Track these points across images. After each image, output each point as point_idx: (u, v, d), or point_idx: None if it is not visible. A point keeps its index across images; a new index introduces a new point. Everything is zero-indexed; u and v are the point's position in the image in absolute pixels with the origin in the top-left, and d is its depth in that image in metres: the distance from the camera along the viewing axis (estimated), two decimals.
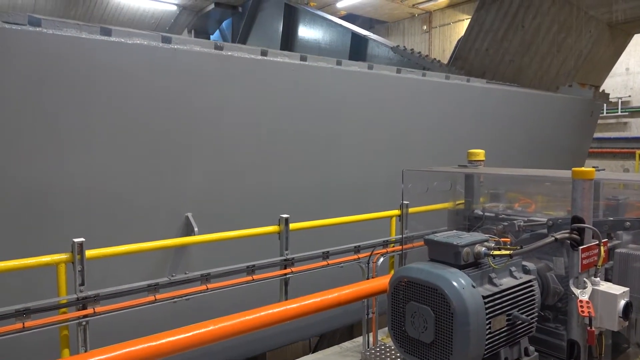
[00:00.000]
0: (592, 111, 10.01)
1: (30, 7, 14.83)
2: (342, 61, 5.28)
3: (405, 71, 5.92)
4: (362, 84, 5.19)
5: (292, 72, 4.44)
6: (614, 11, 9.15)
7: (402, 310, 2.37)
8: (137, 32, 3.91)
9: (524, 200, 3.80)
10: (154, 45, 3.83)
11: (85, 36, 3.56)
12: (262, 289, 3.64)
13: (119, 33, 3.76)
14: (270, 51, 4.65)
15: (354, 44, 11.71)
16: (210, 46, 4.27)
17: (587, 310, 2.19)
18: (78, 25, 3.60)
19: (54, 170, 3.43)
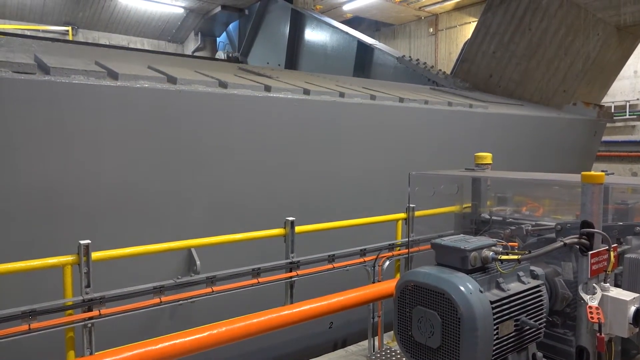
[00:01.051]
0: (595, 131, 9.93)
1: (39, 9, 14.96)
2: (345, 93, 5.32)
3: (407, 100, 5.95)
4: (365, 114, 5.24)
5: (296, 106, 4.51)
6: (622, 14, 9.08)
7: (409, 314, 2.35)
8: (144, 74, 3.99)
9: (532, 204, 3.76)
10: (158, 88, 3.91)
11: (92, 82, 3.64)
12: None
13: (126, 77, 3.83)
14: (274, 87, 4.69)
15: (359, 51, 11.73)
16: (215, 85, 4.34)
17: (596, 316, 2.16)
18: (86, 71, 3.67)
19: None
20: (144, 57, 6.31)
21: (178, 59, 6.94)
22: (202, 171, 4.18)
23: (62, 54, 4.76)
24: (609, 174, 2.91)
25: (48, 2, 14.73)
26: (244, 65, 7.09)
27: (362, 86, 6.80)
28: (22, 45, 5.10)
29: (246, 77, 5.25)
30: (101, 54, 5.49)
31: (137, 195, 3.74)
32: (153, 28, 17.27)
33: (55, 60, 3.92)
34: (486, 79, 11.11)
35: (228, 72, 5.96)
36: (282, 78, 5.97)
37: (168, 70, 4.60)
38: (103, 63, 4.28)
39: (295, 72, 8.31)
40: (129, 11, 15.96)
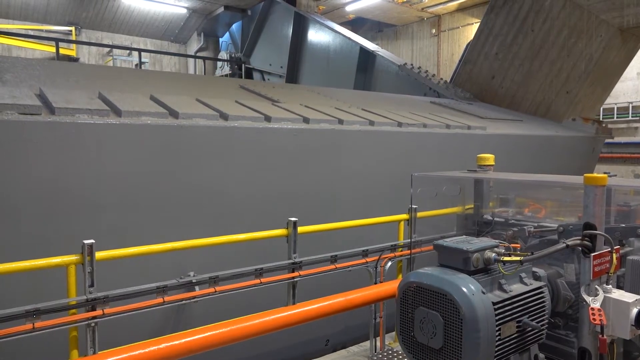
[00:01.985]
0: (593, 147, 9.93)
1: (42, 9, 15.01)
2: (344, 120, 5.36)
3: (406, 125, 6.00)
4: (364, 140, 5.28)
5: (295, 136, 4.57)
6: (625, 15, 9.07)
7: (411, 315, 2.36)
8: (146, 109, 4.06)
9: (534, 205, 3.77)
10: (160, 124, 3.98)
11: (96, 122, 3.70)
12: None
13: (129, 113, 3.91)
14: (273, 117, 4.73)
15: (362, 57, 11.75)
16: (215, 117, 4.40)
17: (598, 318, 2.16)
18: (90, 110, 3.74)
19: None
20: (146, 78, 6.12)
21: (180, 78, 6.84)
22: (204, 203, 4.23)
23: (67, 85, 4.73)
24: (612, 176, 2.91)
25: (52, 2, 14.78)
26: (245, 83, 7.02)
27: (362, 107, 6.72)
28: (26, 69, 5.06)
29: (246, 104, 5.22)
30: (105, 76, 5.43)
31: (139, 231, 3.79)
32: (156, 28, 17.32)
33: (60, 96, 3.95)
34: (489, 80, 11.11)
35: (229, 94, 5.91)
36: (282, 100, 5.95)
37: (170, 100, 4.60)
38: (106, 95, 4.31)
39: (295, 87, 8.20)
40: (132, 11, 16.01)
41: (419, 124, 6.16)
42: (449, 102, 9.63)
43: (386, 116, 6.19)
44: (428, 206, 4.37)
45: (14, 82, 4.41)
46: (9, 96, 3.62)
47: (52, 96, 3.90)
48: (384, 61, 11.40)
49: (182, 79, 6.77)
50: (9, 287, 3.20)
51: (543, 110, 10.45)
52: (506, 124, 8.37)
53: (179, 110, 4.24)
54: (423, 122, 6.32)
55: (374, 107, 7.05)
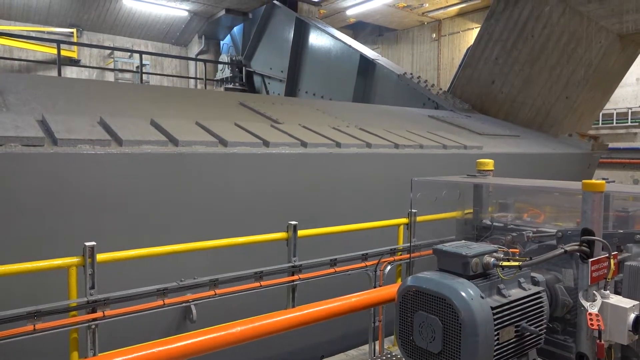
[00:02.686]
0: (589, 164, 9.97)
1: (44, 11, 15.06)
2: (342, 144, 5.40)
3: (402, 147, 6.04)
4: (361, 162, 5.31)
5: (293, 160, 4.61)
6: (625, 22, 9.12)
7: (410, 319, 2.38)
8: (147, 138, 4.11)
9: (533, 210, 3.78)
10: (161, 152, 4.03)
11: (97, 152, 3.77)
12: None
13: (130, 142, 3.96)
14: (272, 142, 4.77)
15: (362, 64, 11.79)
16: (215, 144, 4.45)
17: (596, 323, 2.18)
18: (91, 140, 3.79)
19: None
20: (147, 97, 6.03)
21: (180, 94, 6.69)
22: (204, 230, 4.24)
23: (69, 108, 4.74)
24: (610, 182, 2.93)
25: (53, 4, 14.83)
26: (245, 99, 6.97)
27: (361, 125, 6.70)
28: (29, 88, 5.07)
29: (246, 126, 5.23)
30: (106, 97, 5.40)
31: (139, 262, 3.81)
32: (157, 31, 17.36)
33: (62, 124, 3.99)
34: (489, 85, 11.16)
35: (229, 114, 5.89)
36: (281, 119, 5.95)
37: (170, 125, 4.62)
38: (107, 122, 4.34)
39: (295, 102, 8.09)
40: (134, 14, 16.06)
41: (416, 145, 6.16)
42: (447, 115, 9.60)
43: (383, 137, 6.19)
44: (427, 211, 4.39)
45: (18, 106, 4.43)
46: (13, 126, 3.68)
47: (55, 124, 3.95)
48: (384, 70, 11.44)
49: (182, 96, 6.69)
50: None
51: (543, 115, 10.49)
52: (503, 141, 8.37)
53: (179, 137, 4.28)
54: (420, 143, 6.31)
55: (373, 124, 7.04)
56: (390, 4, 17.03)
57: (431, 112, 9.68)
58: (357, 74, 11.81)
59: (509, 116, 10.90)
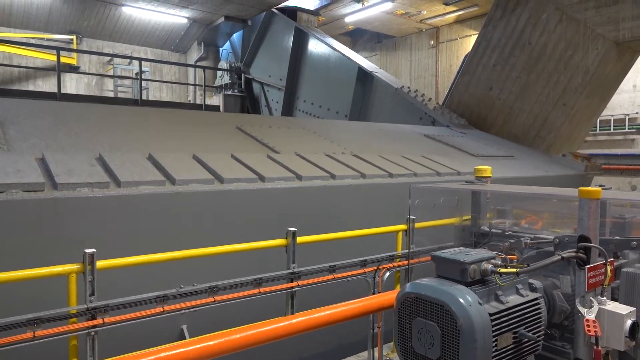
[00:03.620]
0: (582, 184, 10.02)
1: (44, 18, 15.12)
2: (336, 175, 5.44)
3: (397, 176, 6.09)
4: (355, 193, 5.34)
5: (288, 194, 4.65)
6: (621, 29, 9.21)
7: (409, 326, 2.39)
8: (145, 179, 4.17)
9: (531, 217, 3.81)
10: (158, 192, 4.11)
11: (96, 194, 3.84)
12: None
13: (128, 183, 4.04)
14: (267, 177, 4.81)
15: (360, 76, 11.86)
16: (211, 182, 4.51)
17: (593, 329, 2.19)
18: (90, 184, 3.86)
19: None
20: (145, 123, 6.01)
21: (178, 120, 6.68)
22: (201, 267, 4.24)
23: (69, 141, 4.77)
24: (606, 189, 2.96)
25: (53, 11, 14.90)
26: (242, 122, 6.89)
27: (356, 151, 6.69)
28: (29, 118, 5.09)
29: (242, 158, 5.25)
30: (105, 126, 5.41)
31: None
32: (157, 38, 17.44)
33: (62, 165, 4.06)
34: (487, 92, 11.22)
35: (226, 143, 5.91)
36: (278, 146, 5.97)
37: (167, 161, 4.66)
38: (106, 159, 4.40)
39: (291, 123, 7.94)
40: (133, 21, 16.14)
41: (410, 174, 6.18)
42: (442, 133, 9.55)
43: (378, 165, 6.20)
44: (425, 217, 4.41)
45: (18, 141, 4.46)
46: (14, 170, 3.75)
47: (55, 165, 4.02)
48: (382, 82, 11.50)
49: (179, 121, 6.62)
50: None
51: (540, 122, 10.55)
52: (497, 163, 8.35)
53: (176, 176, 4.34)
54: (414, 171, 6.32)
55: (368, 148, 6.99)
56: (388, 12, 17.15)
57: (427, 130, 9.64)
58: (355, 85, 11.88)
59: (507, 123, 10.95)
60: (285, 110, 14.21)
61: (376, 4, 16.20)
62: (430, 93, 19.75)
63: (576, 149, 12.09)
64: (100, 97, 15.29)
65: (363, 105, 12.01)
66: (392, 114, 11.40)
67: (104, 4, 14.75)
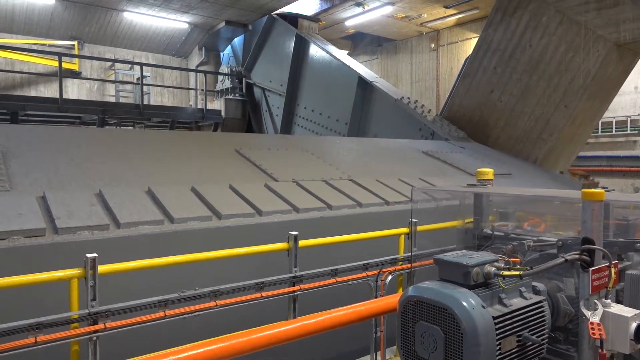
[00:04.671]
0: None
1: (46, 24, 15.19)
2: (333, 206, 5.43)
3: (393, 203, 6.07)
4: (352, 223, 5.33)
5: (285, 227, 4.66)
6: (622, 31, 9.21)
7: (412, 329, 2.37)
8: (144, 219, 4.20)
9: (533, 219, 3.79)
10: (157, 232, 4.15)
11: (96, 237, 3.89)
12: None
13: (127, 225, 4.08)
14: (265, 211, 4.82)
15: (360, 84, 11.88)
16: (209, 218, 4.54)
17: (598, 332, 2.18)
18: (89, 227, 3.90)
19: None
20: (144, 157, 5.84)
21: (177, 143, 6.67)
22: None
23: (70, 175, 4.77)
24: (609, 191, 2.95)
25: (55, 17, 14.97)
26: (241, 145, 6.79)
27: (354, 174, 6.63)
28: (32, 149, 5.09)
29: (240, 189, 5.23)
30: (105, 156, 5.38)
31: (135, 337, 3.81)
32: (158, 43, 17.50)
33: (62, 206, 4.08)
34: (488, 94, 11.22)
35: (225, 170, 5.89)
36: (276, 173, 5.94)
37: (166, 196, 4.65)
38: (106, 197, 4.41)
39: (290, 143, 7.83)
40: (135, 26, 16.20)
41: (406, 200, 6.13)
42: (441, 148, 9.47)
43: (374, 191, 6.14)
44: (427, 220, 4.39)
45: (20, 177, 4.47)
46: (15, 214, 3.78)
47: (56, 207, 4.04)
48: (382, 92, 11.51)
49: (179, 144, 6.57)
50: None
51: (542, 124, 10.54)
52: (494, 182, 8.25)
53: (175, 214, 4.37)
54: (408, 199, 6.24)
55: (366, 169, 6.93)
56: (388, 15, 17.19)
57: (425, 145, 9.53)
58: (356, 94, 11.89)
59: (508, 125, 10.94)
60: (286, 116, 14.24)
61: (376, 8, 16.23)
62: (431, 96, 19.76)
63: (578, 151, 12.07)
64: (102, 102, 15.31)
65: (363, 114, 12.01)
66: (391, 124, 11.42)
67: (105, 9, 14.81)
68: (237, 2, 13.58)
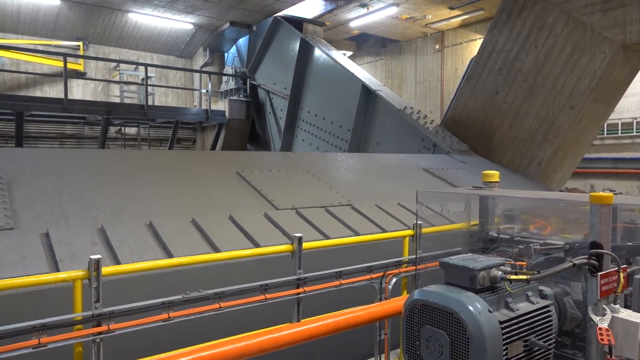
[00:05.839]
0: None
1: (51, 25, 15.25)
2: (331, 236, 5.35)
3: (391, 231, 5.89)
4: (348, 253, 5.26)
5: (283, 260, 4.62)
6: (628, 32, 9.14)
7: (417, 333, 2.35)
8: (144, 257, 4.17)
9: (540, 222, 3.76)
10: (157, 273, 4.04)
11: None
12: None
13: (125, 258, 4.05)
14: (262, 244, 4.77)
15: (364, 92, 11.86)
16: (208, 251, 4.48)
17: (606, 338, 2.15)
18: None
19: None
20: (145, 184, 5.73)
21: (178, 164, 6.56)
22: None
23: (73, 207, 4.72)
24: (618, 194, 2.91)
25: (60, 17, 15.02)
26: (242, 166, 6.81)
27: (353, 197, 6.56)
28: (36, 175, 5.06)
29: (239, 219, 5.19)
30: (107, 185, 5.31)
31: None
32: (162, 43, 17.53)
33: (65, 245, 4.06)
34: (492, 95, 11.17)
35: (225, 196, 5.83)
36: (276, 201, 5.88)
37: (166, 231, 4.63)
38: (108, 233, 4.39)
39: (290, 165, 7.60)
40: (139, 27, 16.23)
41: (405, 228, 6.01)
42: (442, 165, 9.33)
43: (374, 220, 6.06)
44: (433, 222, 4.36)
45: (23, 210, 4.44)
46: (19, 257, 3.74)
47: (58, 246, 4.02)
48: (385, 102, 11.48)
49: (180, 166, 6.45)
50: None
51: (547, 125, 10.47)
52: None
53: (175, 252, 4.34)
54: (408, 225, 6.11)
55: (366, 193, 6.85)
56: (393, 16, 17.15)
57: (426, 161, 9.40)
58: (359, 101, 11.85)
59: (513, 127, 10.89)
60: (289, 119, 14.24)
61: (381, 9, 16.20)
62: (435, 97, 19.69)
63: (584, 153, 12.00)
64: (107, 102, 15.35)
65: (366, 122, 11.97)
66: (394, 134, 11.40)
67: (110, 10, 14.85)
68: (242, 3, 13.59)
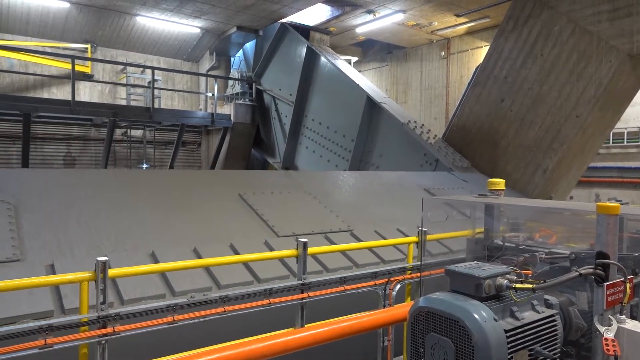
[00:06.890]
0: None
1: (60, 27, 15.38)
2: (330, 268, 5.23)
3: (389, 261, 5.75)
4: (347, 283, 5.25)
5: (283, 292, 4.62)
6: (635, 41, 9.13)
7: (422, 341, 2.35)
8: (146, 295, 4.09)
9: (545, 231, 3.76)
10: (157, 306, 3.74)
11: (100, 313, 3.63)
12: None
13: (130, 301, 3.98)
14: (263, 279, 4.73)
15: (368, 104, 11.89)
16: (209, 289, 4.42)
17: (612, 349, 2.14)
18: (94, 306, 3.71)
19: None
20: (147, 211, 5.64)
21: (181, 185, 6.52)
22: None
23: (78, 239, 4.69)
24: (624, 204, 2.91)
25: (69, 20, 15.14)
26: (244, 188, 6.77)
27: (352, 227, 6.40)
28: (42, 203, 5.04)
29: (240, 248, 5.14)
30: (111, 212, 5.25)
31: None
32: (169, 47, 17.64)
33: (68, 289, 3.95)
34: (498, 103, 11.17)
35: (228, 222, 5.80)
36: (277, 227, 5.85)
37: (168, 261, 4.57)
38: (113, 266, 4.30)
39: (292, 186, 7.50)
40: (147, 30, 16.34)
41: (402, 258, 5.98)
42: (443, 184, 9.27)
43: (372, 248, 5.84)
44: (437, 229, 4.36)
45: (30, 239, 4.42)
46: (26, 293, 3.64)
47: (63, 292, 3.91)
48: (388, 115, 11.50)
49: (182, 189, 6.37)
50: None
51: (552, 134, 10.45)
52: None
53: (176, 287, 4.30)
54: (406, 253, 6.06)
55: (367, 216, 6.85)
56: (399, 23, 17.19)
57: (427, 180, 9.35)
58: (363, 113, 11.88)
59: (519, 135, 10.87)
60: (294, 125, 14.30)
61: (387, 15, 16.24)
62: (440, 104, 19.69)
63: (589, 162, 11.96)
64: (113, 105, 15.45)
65: (370, 133, 12.00)
66: (397, 147, 11.43)
67: (118, 13, 14.97)
68: (249, 8, 13.67)
